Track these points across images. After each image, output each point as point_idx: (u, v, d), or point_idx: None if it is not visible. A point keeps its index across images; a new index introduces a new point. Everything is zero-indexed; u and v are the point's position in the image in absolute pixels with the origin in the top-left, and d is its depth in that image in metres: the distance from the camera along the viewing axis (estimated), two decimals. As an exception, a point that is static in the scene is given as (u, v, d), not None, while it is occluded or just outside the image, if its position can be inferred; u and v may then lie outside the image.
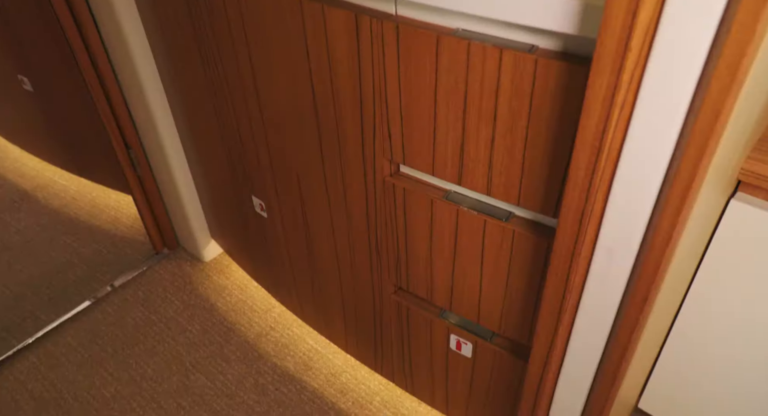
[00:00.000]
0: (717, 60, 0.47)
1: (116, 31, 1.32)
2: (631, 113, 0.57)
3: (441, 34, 0.74)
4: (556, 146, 0.73)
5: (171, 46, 1.25)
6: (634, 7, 0.50)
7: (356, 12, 0.80)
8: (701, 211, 0.69)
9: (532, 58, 0.68)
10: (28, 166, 2.18)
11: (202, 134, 1.38)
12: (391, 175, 0.97)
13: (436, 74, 0.78)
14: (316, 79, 0.94)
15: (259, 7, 0.93)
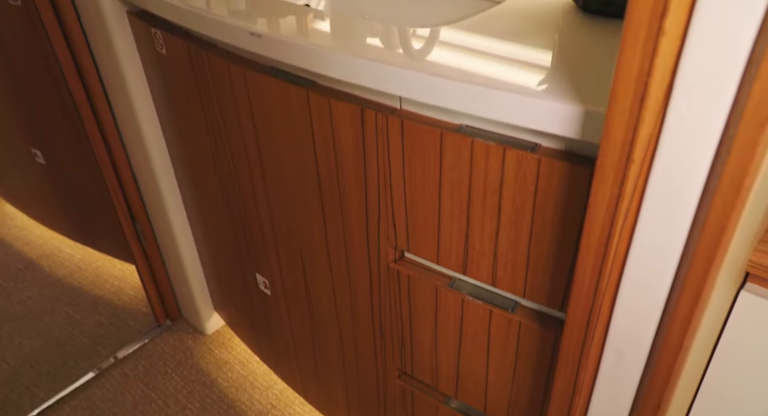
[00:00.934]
0: (719, 178, 0.48)
1: (127, 107, 1.36)
2: (636, 221, 0.56)
3: (445, 131, 0.75)
4: (562, 243, 0.72)
5: (180, 124, 1.27)
6: (635, 122, 0.51)
7: (362, 106, 0.82)
8: (711, 307, 0.67)
9: (535, 158, 0.69)
10: (35, 234, 2.19)
11: (209, 210, 1.39)
12: (395, 261, 0.96)
13: (441, 168, 0.78)
14: (321, 165, 0.95)
15: (266, 94, 0.95)
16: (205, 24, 0.97)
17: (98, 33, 1.27)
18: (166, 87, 1.23)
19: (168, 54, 1.14)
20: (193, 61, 1.07)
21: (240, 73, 0.97)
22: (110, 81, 1.35)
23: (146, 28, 1.16)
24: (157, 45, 1.16)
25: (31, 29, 1.47)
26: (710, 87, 0.46)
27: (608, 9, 0.83)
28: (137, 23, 1.20)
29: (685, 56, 0.46)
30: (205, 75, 1.06)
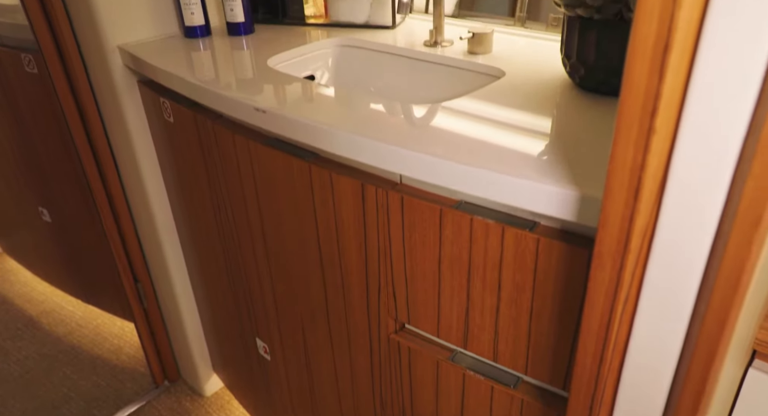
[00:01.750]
0: (717, 273, 0.47)
1: (134, 171, 1.38)
2: (636, 309, 0.56)
3: (444, 207, 0.76)
4: (563, 321, 0.72)
5: (185, 190, 1.29)
6: (630, 213, 0.51)
7: (363, 181, 0.83)
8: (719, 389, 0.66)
9: (534, 238, 0.69)
10: (37, 290, 2.19)
11: (210, 273, 1.38)
12: (395, 332, 0.95)
13: (440, 243, 0.79)
14: (323, 236, 0.96)
15: (270, 165, 0.97)
16: (211, 98, 0.99)
17: (109, 100, 1.31)
18: (173, 154, 1.25)
19: (175, 122, 1.16)
20: (200, 131, 1.09)
21: (244, 144, 0.99)
22: (119, 145, 1.38)
23: (155, 97, 1.19)
24: (165, 113, 1.19)
25: (45, 95, 1.51)
26: (703, 182, 0.47)
27: (604, 88, 0.85)
28: (147, 92, 1.24)
29: (677, 152, 0.47)
30: (210, 144, 1.08)
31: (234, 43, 1.24)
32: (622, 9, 0.79)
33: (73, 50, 1.29)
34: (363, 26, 1.31)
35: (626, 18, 0.79)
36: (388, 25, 1.29)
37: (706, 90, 0.44)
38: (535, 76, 0.97)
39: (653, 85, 0.45)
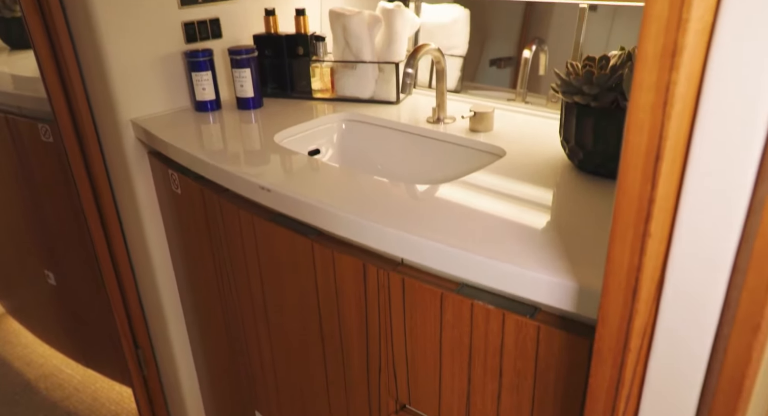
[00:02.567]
0: (718, 377, 0.47)
1: (140, 239, 1.39)
2: (638, 407, 0.55)
3: (445, 291, 0.76)
4: (565, 411, 0.70)
5: (189, 259, 1.30)
6: (629, 313, 0.51)
7: (365, 260, 0.84)
8: None
9: (535, 325, 0.68)
10: (37, 352, 2.17)
11: (212, 344, 1.37)
12: (396, 412, 0.93)
13: (441, 326, 0.78)
14: (324, 312, 0.95)
15: (273, 240, 0.98)
16: (218, 174, 1.02)
17: (119, 169, 1.34)
18: (179, 224, 1.27)
19: (182, 194, 1.19)
20: (206, 203, 1.11)
21: (249, 219, 1.00)
22: (126, 213, 1.40)
23: (164, 168, 1.22)
24: (173, 185, 1.21)
25: (59, 163, 1.55)
26: (700, 284, 0.47)
27: (602, 170, 0.87)
28: (156, 163, 1.26)
29: (672, 255, 0.47)
30: (215, 217, 1.10)
31: (243, 117, 1.28)
32: (618, 98, 0.81)
33: (88, 122, 1.33)
34: (368, 101, 1.35)
35: (622, 106, 0.81)
36: (392, 100, 1.33)
37: (699, 197, 0.45)
38: (535, 155, 0.99)
39: (646, 191, 0.46)
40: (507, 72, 1.36)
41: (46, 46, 1.28)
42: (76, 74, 1.28)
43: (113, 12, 1.18)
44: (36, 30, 1.27)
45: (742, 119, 0.41)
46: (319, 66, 1.38)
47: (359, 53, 1.32)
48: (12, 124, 1.61)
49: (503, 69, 1.38)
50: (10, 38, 2.00)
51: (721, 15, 0.39)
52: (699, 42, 0.40)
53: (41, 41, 1.28)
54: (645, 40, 0.42)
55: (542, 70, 1.27)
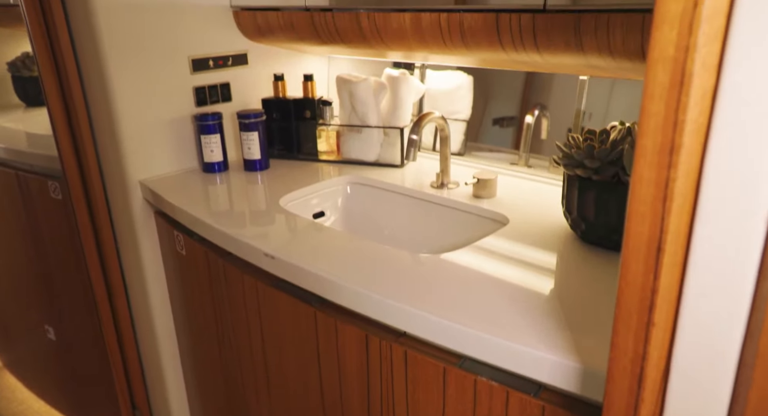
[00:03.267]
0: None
1: (143, 297, 1.39)
2: None
3: (447, 365, 0.75)
4: None
5: (191, 321, 1.29)
6: (635, 401, 0.50)
7: (367, 331, 0.83)
8: None
9: (539, 404, 0.67)
10: (33, 409, 2.12)
11: (212, 409, 1.34)
12: (398, 488, 0.90)
13: (444, 401, 0.77)
14: (325, 381, 0.94)
15: (276, 307, 0.97)
16: (223, 239, 1.02)
17: (125, 228, 1.35)
18: (182, 285, 1.27)
19: (187, 255, 1.19)
20: (210, 266, 1.11)
21: (252, 284, 1.00)
22: (130, 272, 1.40)
23: (170, 229, 1.23)
24: (178, 246, 1.22)
25: (66, 220, 1.56)
26: (707, 375, 0.47)
27: (606, 242, 0.87)
28: (162, 224, 1.28)
29: (677, 347, 0.47)
30: (219, 280, 1.10)
31: (249, 179, 1.30)
32: (619, 172, 0.82)
33: (97, 181, 1.35)
34: (373, 164, 1.37)
35: (624, 181, 0.82)
36: (397, 164, 1.35)
37: (702, 289, 0.45)
38: (538, 224, 0.99)
39: (649, 282, 0.46)
40: (509, 131, 1.38)
41: (60, 105, 1.32)
42: (88, 134, 1.31)
43: (128, 76, 1.22)
44: (51, 89, 1.31)
45: (742, 214, 0.41)
46: (325, 129, 1.41)
47: (365, 118, 1.35)
48: (22, 180, 1.64)
49: (506, 128, 1.41)
50: (26, 96, 2.05)
51: (716, 117, 0.40)
52: (696, 141, 0.42)
53: (55, 100, 1.31)
54: (643, 136, 0.43)
55: (544, 134, 1.29)
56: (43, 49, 1.28)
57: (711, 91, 0.40)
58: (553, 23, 0.83)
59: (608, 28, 0.77)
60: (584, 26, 0.80)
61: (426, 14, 1.00)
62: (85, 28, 1.19)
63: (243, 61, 1.41)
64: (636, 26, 0.74)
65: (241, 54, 1.40)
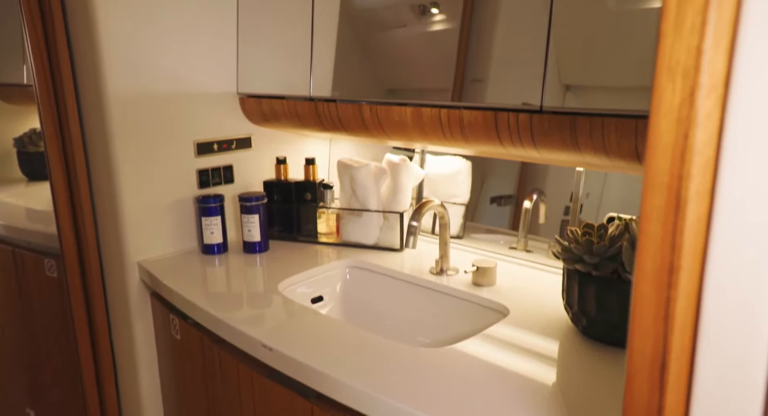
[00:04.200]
0: None
1: (132, 383, 1.35)
2: None
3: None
4: None
5: (183, 406, 1.25)
6: None
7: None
8: None
9: None
10: None
11: None
12: None
13: None
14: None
15: (271, 399, 0.95)
16: (219, 326, 1.01)
17: (120, 309, 1.33)
18: (175, 370, 1.24)
19: (181, 340, 1.17)
20: (205, 353, 1.09)
21: (248, 374, 0.98)
22: (122, 353, 1.37)
23: (165, 312, 1.22)
24: (172, 329, 1.20)
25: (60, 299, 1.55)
26: None
27: (607, 338, 0.86)
28: (158, 306, 1.26)
29: (686, 468, 0.46)
30: (214, 367, 1.07)
31: (248, 261, 1.30)
32: (618, 268, 0.83)
33: (94, 260, 1.35)
34: (372, 248, 1.38)
35: (623, 278, 0.82)
36: (396, 248, 1.36)
37: (709, 408, 0.44)
38: (539, 316, 0.99)
39: (655, 399, 0.46)
40: (507, 210, 1.40)
41: (64, 181, 1.33)
42: (89, 212, 1.32)
43: (133, 158, 1.25)
44: (56, 165, 1.33)
45: (745, 332, 0.42)
46: (325, 211, 1.42)
47: (365, 202, 1.37)
48: (18, 257, 1.64)
49: (503, 207, 1.43)
50: (30, 171, 2.09)
51: (712, 240, 0.41)
52: (695, 263, 0.42)
53: (59, 176, 1.33)
54: (643, 255, 0.44)
55: (542, 219, 1.31)
56: (51, 127, 1.31)
57: (705, 216, 0.42)
58: (549, 123, 0.87)
59: (603, 130, 0.80)
60: (580, 127, 0.83)
61: (427, 109, 1.04)
62: (96, 114, 1.23)
63: (247, 145, 1.45)
64: (629, 130, 0.77)
65: (245, 138, 1.44)
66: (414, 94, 1.12)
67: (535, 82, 0.89)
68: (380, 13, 1.18)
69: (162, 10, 1.23)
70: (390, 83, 1.18)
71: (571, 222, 1.22)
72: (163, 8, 1.23)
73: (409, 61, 1.13)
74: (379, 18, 1.18)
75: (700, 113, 0.39)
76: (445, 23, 1.07)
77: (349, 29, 1.23)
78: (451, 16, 1.05)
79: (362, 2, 1.19)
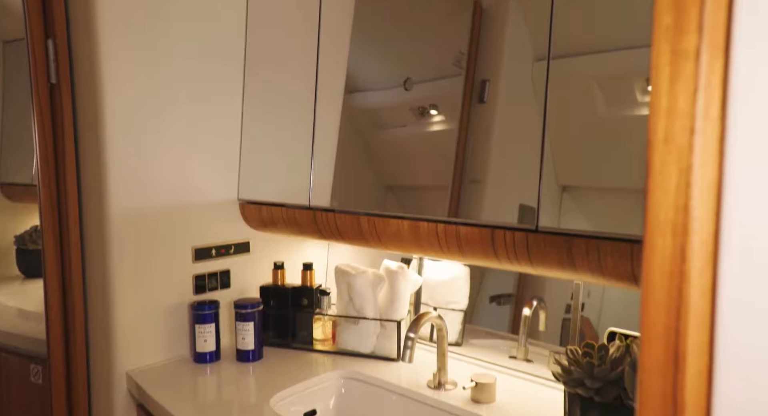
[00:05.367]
0: None
1: None
2: None
3: None
4: None
5: None
6: None
7: None
8: None
9: None
10: None
11: None
12: None
13: None
14: None
15: None
16: (207, 447, 0.96)
17: None
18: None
19: (166, 458, 1.11)
20: (189, 475, 1.03)
21: None
22: (102, 470, 1.30)
23: (151, 426, 1.16)
24: (157, 446, 1.14)
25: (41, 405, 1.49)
26: None
27: (614, 470, 0.82)
28: (143, 419, 1.21)
29: None
30: (197, 492, 1.01)
31: (241, 371, 1.26)
32: (621, 394, 0.80)
33: (82, 369, 1.30)
34: (369, 356, 1.34)
35: (627, 404, 0.79)
36: (393, 357, 1.32)
37: None
38: None
39: None
40: (507, 309, 1.37)
41: (58, 281, 1.32)
42: (80, 316, 1.30)
43: (129, 264, 1.24)
44: (51, 265, 1.31)
45: None
46: (321, 318, 1.40)
47: (362, 310, 1.35)
48: (4, 361, 1.59)
49: (503, 306, 1.40)
50: (28, 269, 2.08)
51: (715, 397, 0.40)
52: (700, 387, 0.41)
53: (54, 276, 1.31)
54: (643, 410, 0.43)
55: (542, 326, 1.28)
56: (50, 225, 1.31)
57: (706, 371, 0.41)
58: (545, 242, 0.87)
59: (599, 253, 0.81)
60: (576, 248, 0.83)
61: (424, 223, 1.05)
62: (96, 224, 1.24)
63: (245, 249, 1.45)
64: (625, 253, 0.78)
65: (243, 242, 1.45)
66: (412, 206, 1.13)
67: (532, 184, 0.90)
68: (381, 114, 1.22)
69: (169, 122, 1.28)
70: (390, 180, 1.20)
71: (572, 334, 1.20)
72: (170, 120, 1.28)
73: (409, 159, 1.15)
74: (381, 118, 1.22)
75: (692, 271, 0.39)
76: (444, 124, 1.11)
77: (351, 128, 1.26)
78: (449, 117, 1.08)
79: (364, 103, 1.24)
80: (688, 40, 0.38)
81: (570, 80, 0.89)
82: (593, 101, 0.88)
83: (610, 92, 0.87)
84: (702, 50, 0.37)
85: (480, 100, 1.03)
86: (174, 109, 1.28)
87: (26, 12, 1.23)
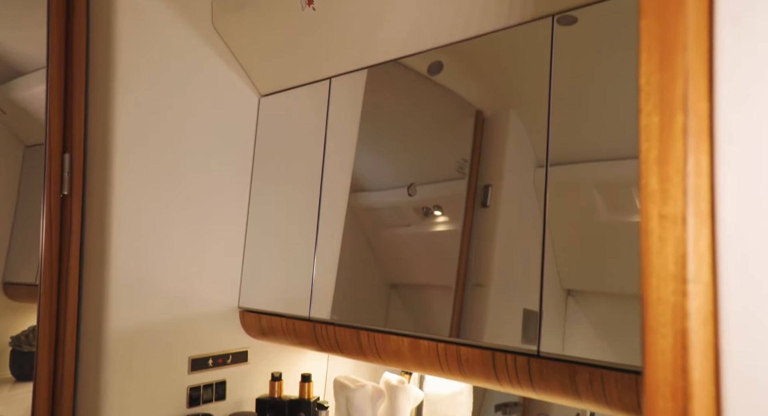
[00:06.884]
0: None
1: None
2: None
3: None
4: None
5: None
6: None
7: None
8: None
9: None
10: None
11: None
12: None
13: None
14: None
15: None
16: None
17: None
18: None
19: None
20: None
21: None
22: None
23: None
24: None
25: None
26: None
27: None
28: None
29: None
30: None
31: None
32: None
33: (64, 489, 1.24)
34: (367, 479, 1.27)
35: None
36: (392, 481, 1.25)
37: None
38: None
39: None
40: None
41: (47, 386, 1.27)
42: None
43: (122, 378, 1.21)
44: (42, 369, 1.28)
45: None
46: (318, 434, 1.34)
47: (360, 426, 1.30)
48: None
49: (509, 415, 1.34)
50: (20, 372, 2.03)
51: None
52: None
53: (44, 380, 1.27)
54: None
55: (549, 448, 1.22)
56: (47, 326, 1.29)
57: None
58: (548, 368, 0.85)
59: (603, 383, 0.78)
60: (579, 377, 0.81)
61: (424, 341, 1.03)
62: (93, 341, 1.23)
63: (243, 359, 1.42)
64: (630, 385, 0.76)
65: (241, 351, 1.42)
66: (412, 324, 1.11)
67: (536, 288, 0.89)
68: (386, 213, 1.23)
69: (173, 229, 1.30)
70: (394, 278, 1.19)
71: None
72: (174, 227, 1.30)
73: (414, 257, 1.15)
74: (385, 217, 1.23)
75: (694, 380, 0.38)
76: (448, 225, 1.11)
77: (356, 226, 1.26)
78: (453, 218, 1.09)
79: (368, 203, 1.25)
80: (675, 205, 0.39)
81: (570, 186, 0.91)
82: (595, 206, 0.89)
83: (610, 198, 0.88)
84: (688, 216, 0.39)
85: (483, 205, 1.05)
86: (178, 216, 1.31)
87: (48, 127, 1.29)
